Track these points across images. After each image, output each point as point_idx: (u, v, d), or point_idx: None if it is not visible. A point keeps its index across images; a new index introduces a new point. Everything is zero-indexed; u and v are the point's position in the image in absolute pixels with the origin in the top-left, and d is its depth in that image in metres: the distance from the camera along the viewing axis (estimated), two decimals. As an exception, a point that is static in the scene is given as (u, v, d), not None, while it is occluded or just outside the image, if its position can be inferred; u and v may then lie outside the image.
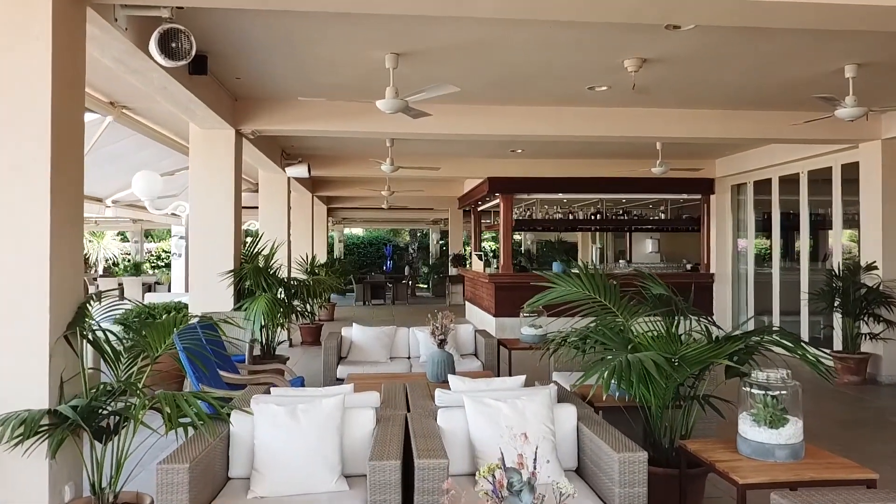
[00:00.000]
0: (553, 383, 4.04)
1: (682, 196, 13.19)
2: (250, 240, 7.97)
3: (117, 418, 3.36)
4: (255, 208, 12.24)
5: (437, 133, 8.04)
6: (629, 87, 6.33)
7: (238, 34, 5.32)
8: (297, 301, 8.14)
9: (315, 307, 9.29)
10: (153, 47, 4.15)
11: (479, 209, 15.56)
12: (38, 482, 3.28)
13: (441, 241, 26.16)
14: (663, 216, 14.27)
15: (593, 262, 18.08)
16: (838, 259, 9.22)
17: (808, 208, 10.04)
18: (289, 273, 10.44)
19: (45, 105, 3.33)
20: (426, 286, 24.23)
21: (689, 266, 13.39)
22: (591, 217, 13.69)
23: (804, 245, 10.11)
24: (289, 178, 11.22)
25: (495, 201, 13.30)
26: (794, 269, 10.50)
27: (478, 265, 14.12)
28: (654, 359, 3.32)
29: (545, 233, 21.09)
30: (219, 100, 6.79)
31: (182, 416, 3.17)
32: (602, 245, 19.03)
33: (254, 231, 13.01)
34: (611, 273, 7.52)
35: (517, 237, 18.84)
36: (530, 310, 4.48)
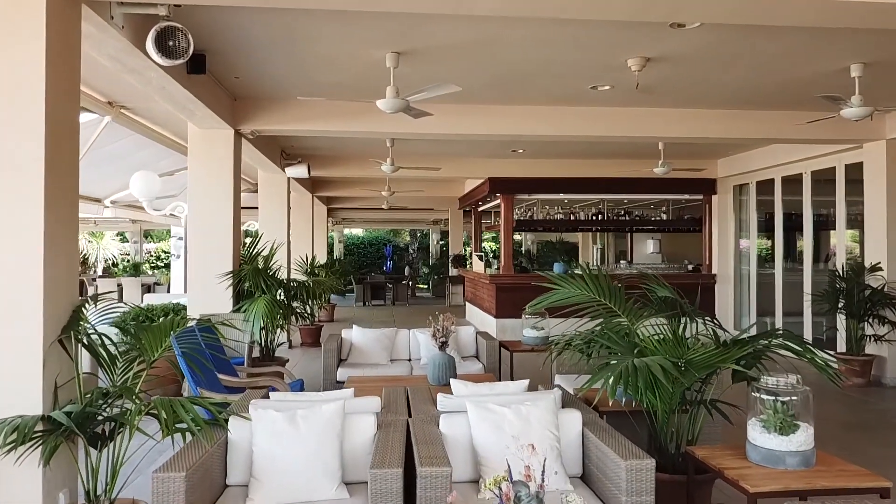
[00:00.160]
0: (557, 387, 3.97)
1: (684, 196, 13.11)
2: (250, 240, 7.90)
3: (113, 424, 3.29)
4: (254, 209, 12.18)
5: (437, 133, 7.98)
6: (632, 87, 6.26)
7: (237, 33, 5.25)
8: (296, 302, 8.08)
9: (315, 308, 9.22)
10: (150, 45, 4.08)
11: (480, 209, 15.50)
12: (31, 489, 3.21)
13: (441, 242, 26.09)
14: (665, 216, 14.20)
15: (594, 263, 18.03)
16: (842, 260, 9.15)
17: (811, 209, 9.98)
18: (288, 274, 10.36)
19: (39, 104, 3.26)
20: (426, 287, 24.16)
21: (690, 267, 13.32)
22: (593, 217, 13.62)
23: (807, 246, 10.04)
24: (288, 179, 11.15)
25: (496, 202, 13.23)
26: (796, 270, 10.43)
27: (478, 266, 14.05)
28: (662, 363, 3.25)
29: (546, 233, 21.03)
30: (217, 99, 6.73)
31: (179, 422, 3.10)
32: (603, 245, 18.96)
33: (253, 232, 12.94)
34: (613, 274, 7.42)
35: (517, 237, 18.76)
36: (533, 311, 4.41)
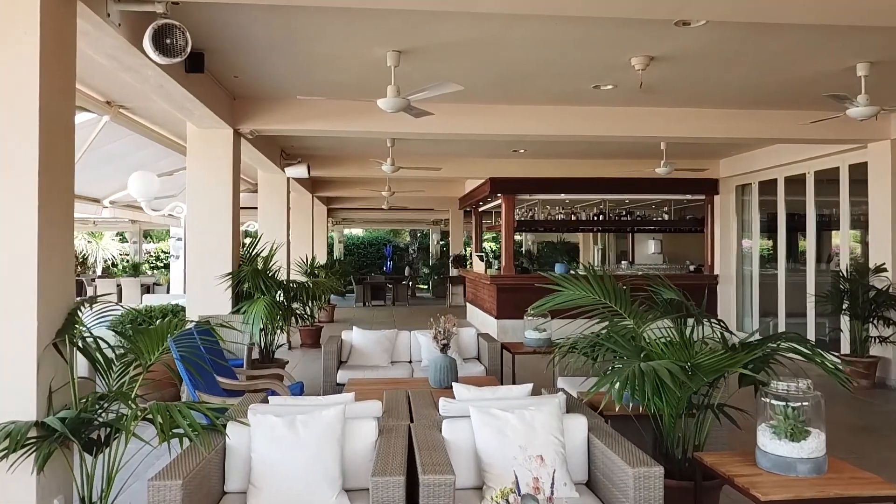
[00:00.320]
0: (561, 391, 3.90)
1: (686, 196, 13.05)
2: (249, 241, 7.83)
3: (108, 429, 3.22)
4: (254, 209, 12.12)
5: (438, 133, 7.91)
6: (635, 86, 6.20)
7: (236, 31, 5.19)
8: (296, 304, 8.00)
9: (314, 310, 9.14)
10: (147, 43, 4.01)
11: (481, 210, 15.42)
12: (25, 497, 3.14)
13: (441, 242, 26.02)
14: (667, 217, 14.13)
15: (595, 264, 17.96)
16: (846, 261, 9.08)
17: (814, 209, 9.90)
18: (288, 275, 10.30)
19: (33, 103, 3.19)
20: (426, 287, 24.09)
21: (692, 267, 13.25)
22: (594, 218, 13.55)
23: (810, 246, 9.97)
24: (288, 179, 11.09)
25: (497, 202, 13.16)
26: (798, 271, 10.36)
27: (479, 266, 13.98)
28: (669, 367, 3.18)
29: (546, 233, 20.96)
30: (216, 99, 6.66)
31: (176, 428, 3.03)
32: (604, 246, 18.89)
33: (253, 232, 12.87)
34: (617, 275, 7.33)
35: (517, 238, 18.70)
36: (537, 313, 4.34)
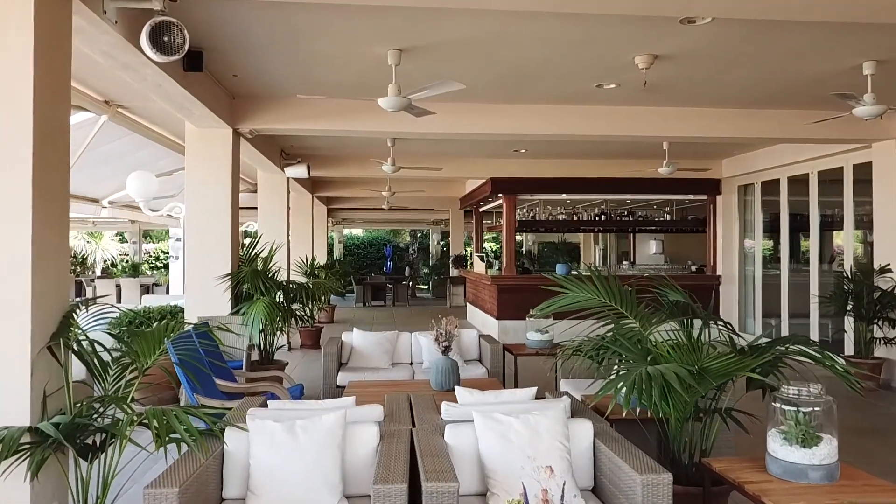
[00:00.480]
0: (565, 395, 3.83)
1: (688, 197, 12.98)
2: (249, 241, 7.76)
3: (104, 435, 3.16)
4: (253, 209, 12.05)
5: (439, 132, 7.84)
6: (638, 85, 6.13)
7: (235, 29, 5.12)
8: (296, 304, 7.93)
9: (314, 310, 9.07)
10: (144, 41, 3.94)
11: (481, 210, 15.35)
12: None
13: (441, 242, 25.95)
14: (668, 217, 14.06)
15: (597, 264, 17.89)
16: (850, 261, 9.01)
17: (817, 209, 9.84)
18: (288, 275, 10.23)
19: (26, 101, 3.12)
20: (427, 287, 24.01)
21: (693, 268, 13.18)
22: (595, 218, 13.48)
23: (814, 246, 9.90)
24: (288, 179, 11.02)
25: (498, 202, 13.09)
26: (801, 271, 10.29)
27: (479, 266, 13.91)
28: (677, 371, 3.11)
29: (547, 234, 20.89)
30: (215, 98, 6.59)
31: (172, 433, 2.96)
32: (605, 246, 18.81)
33: (252, 232, 12.81)
34: (622, 276, 7.25)
35: (518, 238, 18.65)
36: (540, 315, 4.26)
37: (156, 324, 4.70)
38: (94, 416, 3.17)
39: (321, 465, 3.09)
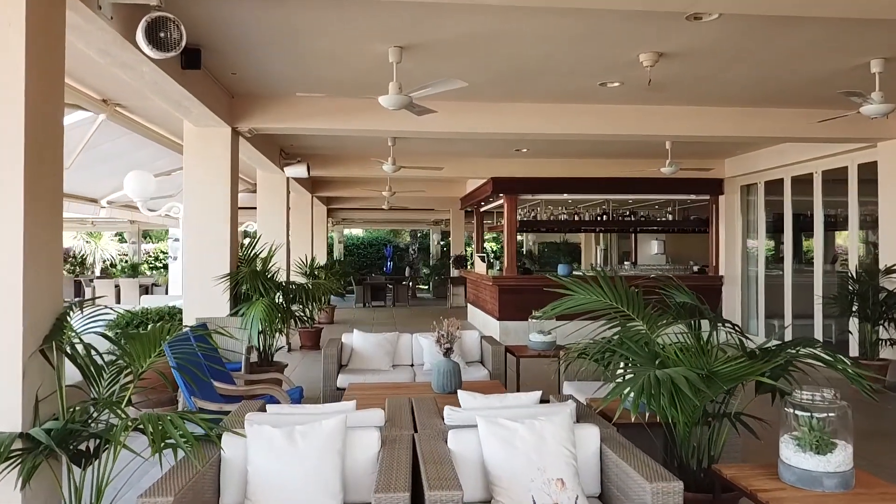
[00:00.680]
0: (570, 399, 3.75)
1: (690, 196, 12.89)
2: (248, 242, 7.67)
3: (98, 441, 3.07)
4: (253, 209, 11.96)
5: (440, 131, 7.76)
6: (641, 84, 6.06)
7: (233, 26, 5.03)
8: (295, 305, 7.85)
9: (314, 311, 8.99)
10: (140, 37, 3.87)
11: (482, 210, 15.27)
12: (10, 511, 2.99)
13: (442, 242, 25.86)
14: (671, 217, 13.98)
15: (598, 264, 17.81)
16: (855, 262, 8.93)
17: (822, 209, 9.75)
18: (287, 276, 10.15)
19: (18, 99, 3.03)
20: (427, 288, 23.93)
21: (696, 268, 13.10)
22: (597, 218, 13.40)
23: (818, 247, 9.81)
24: (287, 179, 10.93)
25: (499, 202, 13.01)
26: (805, 272, 10.21)
27: (480, 267, 13.83)
28: (686, 375, 3.03)
29: (548, 234, 20.81)
30: (214, 96, 6.51)
31: (168, 438, 2.88)
32: (606, 246, 18.74)
33: (252, 232, 12.73)
34: (627, 277, 7.13)
35: (518, 238, 18.57)
36: (545, 317, 4.17)
37: (150, 325, 4.61)
38: (88, 421, 3.09)
39: (321, 471, 3.01)
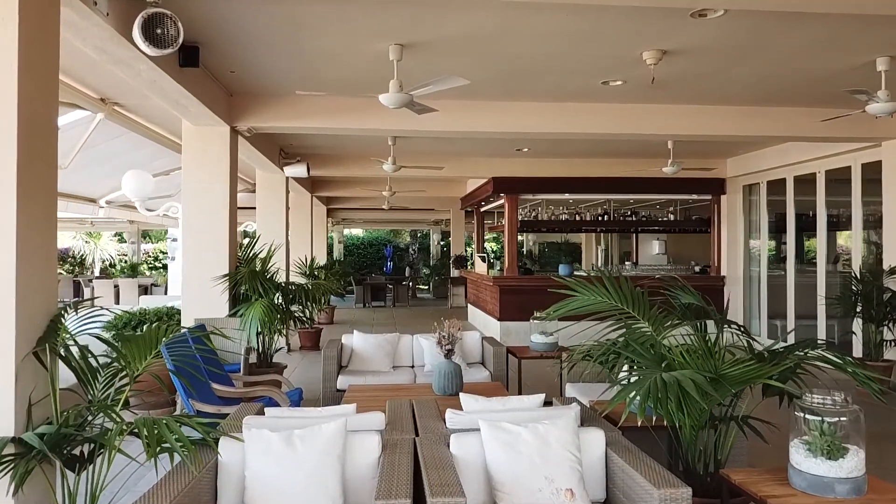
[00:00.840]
0: (574, 402, 3.68)
1: (692, 196, 12.83)
2: (247, 242, 7.60)
3: (92, 445, 3.00)
4: (252, 209, 11.90)
5: (441, 130, 7.69)
6: (644, 82, 6.00)
7: (232, 24, 4.97)
8: (295, 306, 7.78)
9: (314, 312, 8.92)
10: (136, 33, 3.80)
11: (483, 210, 15.20)
12: (2, 517, 2.93)
13: (442, 242, 25.78)
14: (672, 217, 13.91)
15: (598, 265, 17.75)
16: (859, 262, 8.86)
17: (825, 209, 9.68)
18: (287, 276, 10.08)
19: (11, 96, 2.97)
20: (427, 288, 23.87)
21: (697, 268, 13.03)
22: (598, 218, 13.34)
23: (821, 247, 9.74)
24: (287, 178, 10.86)
25: (499, 202, 12.94)
26: (807, 272, 10.14)
27: (481, 267, 13.77)
28: (693, 378, 2.96)
29: (549, 234, 20.74)
30: (212, 95, 6.44)
31: (164, 442, 2.82)
32: (607, 246, 18.67)
33: (251, 233, 12.65)
34: (633, 277, 7.03)
35: (519, 238, 18.52)
36: (550, 318, 4.11)
37: (146, 327, 4.54)
38: (83, 425, 3.02)
39: (320, 476, 2.94)
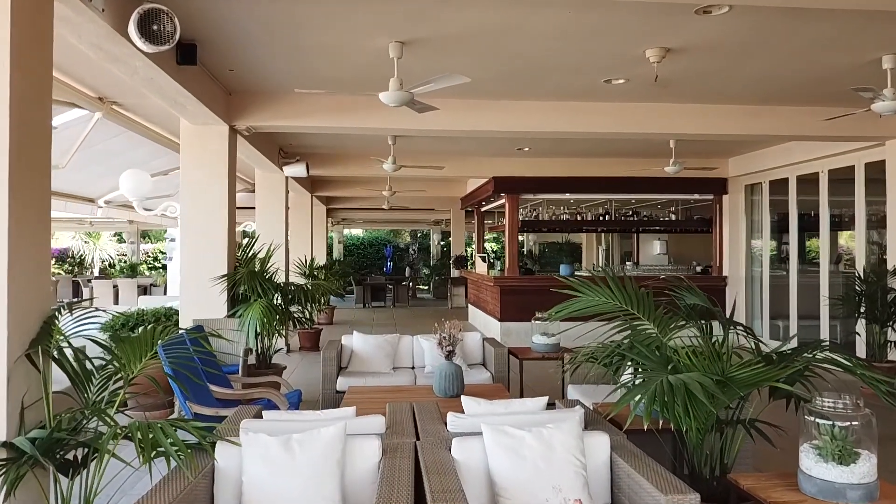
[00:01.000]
0: (578, 405, 3.62)
1: (694, 196, 12.76)
2: (246, 242, 7.53)
3: (86, 449, 2.94)
4: (252, 209, 11.84)
5: (442, 129, 7.63)
6: (647, 81, 5.93)
7: (230, 21, 4.90)
8: (294, 307, 7.72)
9: (313, 313, 8.86)
10: (132, 29, 3.74)
11: (483, 210, 15.13)
12: (-6, 523, 2.86)
13: (442, 242, 25.72)
14: (674, 217, 13.85)
15: (599, 265, 17.69)
16: (862, 262, 8.80)
17: (828, 209, 9.61)
18: (287, 276, 10.02)
19: (3, 94, 2.90)
20: (427, 288, 23.81)
21: (698, 268, 12.97)
22: (599, 218, 13.27)
23: (824, 247, 9.68)
24: (287, 178, 10.80)
25: (500, 202, 12.88)
26: (809, 273, 10.07)
27: (481, 267, 13.70)
28: (700, 380, 2.90)
29: (550, 234, 20.68)
30: (211, 93, 6.37)
31: (159, 446, 2.75)
32: (607, 246, 18.61)
33: (251, 233, 12.59)
34: (629, 278, 6.96)
35: (519, 238, 18.46)
36: (553, 319, 4.05)
37: (142, 329, 4.48)
38: (77, 428, 2.96)
39: (319, 482, 2.88)
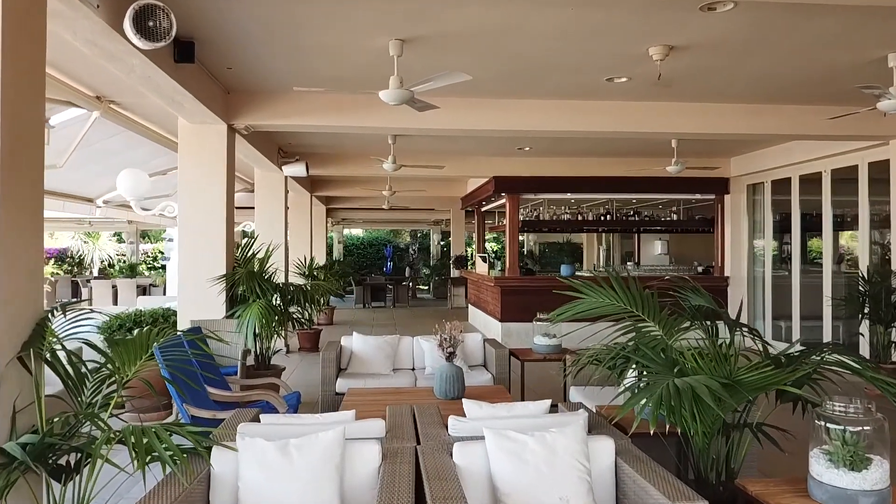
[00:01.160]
0: (581, 408, 3.55)
1: (695, 196, 12.70)
2: (245, 242, 7.46)
3: (79, 454, 2.88)
4: (251, 209, 11.77)
5: (442, 128, 7.56)
6: (649, 80, 5.88)
7: (228, 19, 4.84)
8: (294, 307, 7.65)
9: (313, 313, 8.79)
10: (128, 26, 3.68)
11: (483, 210, 15.07)
12: (-16, 530, 2.80)
13: (442, 242, 25.66)
14: (675, 217, 13.79)
15: (600, 265, 17.63)
16: (866, 262, 8.74)
17: (830, 209, 9.55)
18: (286, 277, 9.95)
19: (-6, 90, 2.84)
20: (427, 288, 23.74)
21: (700, 268, 12.91)
22: (600, 218, 13.21)
23: (827, 247, 9.62)
24: (286, 178, 10.74)
25: (500, 201, 12.82)
26: (812, 273, 10.01)
27: (482, 267, 13.64)
28: (708, 384, 2.83)
29: (550, 234, 20.62)
30: (209, 91, 6.31)
31: (154, 451, 2.69)
32: (608, 246, 18.55)
33: (250, 233, 12.52)
34: (633, 278, 6.90)
35: (519, 238, 18.39)
36: (557, 320, 3.98)
37: (137, 331, 4.41)
38: (70, 433, 2.89)
39: (317, 487, 2.81)
